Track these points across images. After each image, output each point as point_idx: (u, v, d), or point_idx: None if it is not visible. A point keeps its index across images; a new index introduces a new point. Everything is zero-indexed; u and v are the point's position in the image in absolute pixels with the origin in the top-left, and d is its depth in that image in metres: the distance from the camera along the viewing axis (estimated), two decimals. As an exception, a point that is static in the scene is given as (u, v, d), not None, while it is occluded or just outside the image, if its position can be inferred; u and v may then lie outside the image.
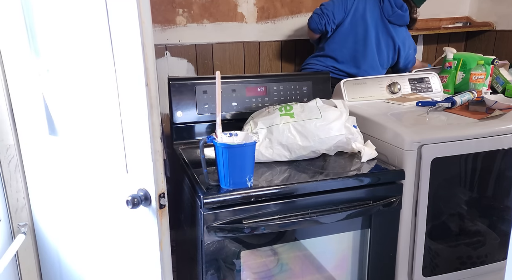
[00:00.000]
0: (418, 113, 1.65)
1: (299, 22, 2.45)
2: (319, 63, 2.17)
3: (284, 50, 2.46)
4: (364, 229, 1.42)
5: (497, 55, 2.08)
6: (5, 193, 1.41)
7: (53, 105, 1.29)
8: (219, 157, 1.18)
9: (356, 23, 2.10)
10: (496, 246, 1.63)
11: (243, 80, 1.72)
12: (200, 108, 1.64)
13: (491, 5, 2.66)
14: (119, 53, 1.00)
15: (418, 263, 1.51)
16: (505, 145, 1.51)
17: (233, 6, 2.30)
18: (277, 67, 2.48)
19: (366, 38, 2.10)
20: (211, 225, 1.19)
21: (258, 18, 2.36)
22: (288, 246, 1.44)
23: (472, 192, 1.56)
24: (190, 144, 1.64)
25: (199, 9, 2.25)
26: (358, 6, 2.11)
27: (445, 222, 1.54)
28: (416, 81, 1.93)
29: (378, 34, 2.11)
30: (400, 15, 2.09)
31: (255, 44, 2.39)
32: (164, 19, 2.20)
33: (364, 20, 2.10)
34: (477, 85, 1.90)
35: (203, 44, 2.29)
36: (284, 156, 1.43)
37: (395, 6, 2.08)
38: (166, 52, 2.24)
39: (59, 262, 1.48)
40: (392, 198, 1.38)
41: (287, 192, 1.26)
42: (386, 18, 2.10)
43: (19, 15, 1.26)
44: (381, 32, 2.11)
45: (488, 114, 1.58)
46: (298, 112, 1.45)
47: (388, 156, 1.48)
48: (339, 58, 2.13)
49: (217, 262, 1.25)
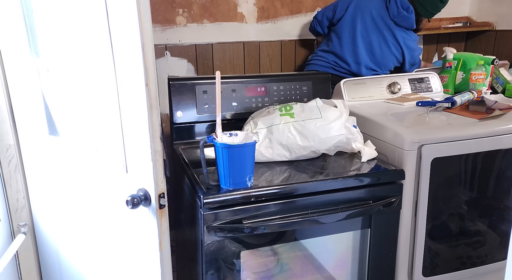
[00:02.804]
0: (418, 113, 1.65)
1: (299, 22, 2.45)
2: (322, 59, 2.17)
3: (284, 50, 2.46)
4: (364, 229, 1.42)
5: (497, 55, 2.08)
6: (5, 193, 1.41)
7: (53, 105, 1.29)
8: (219, 157, 1.18)
9: (355, 19, 2.10)
10: (496, 246, 1.63)
11: (243, 80, 1.72)
12: (200, 108, 1.64)
13: (491, 5, 2.66)
14: (119, 53, 1.00)
15: (418, 263, 1.51)
16: (505, 145, 1.51)
17: (233, 6, 2.30)
18: (277, 67, 2.48)
19: (368, 36, 2.09)
20: (211, 225, 1.19)
21: (258, 18, 2.36)
22: (288, 246, 1.44)
23: (472, 192, 1.56)
24: (190, 144, 1.64)
25: (199, 9, 2.25)
26: (360, 3, 2.11)
27: (445, 222, 1.54)
28: (416, 81, 1.93)
29: (383, 34, 2.09)
30: (405, 17, 2.07)
31: (255, 44, 2.39)
32: (164, 19, 2.20)
33: (366, 17, 2.09)
34: (477, 85, 1.90)
35: (203, 44, 2.29)
36: (284, 156, 1.43)
37: (401, 7, 2.07)
38: (166, 52, 2.24)
39: (59, 262, 1.48)
40: (392, 198, 1.38)
41: (287, 192, 1.26)
42: (392, 19, 2.09)
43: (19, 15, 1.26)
44: (386, 32, 2.10)
45: (488, 114, 1.58)
46: (298, 112, 1.45)
47: (388, 156, 1.48)
48: (339, 52, 2.13)
49: (217, 262, 1.25)
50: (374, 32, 2.10)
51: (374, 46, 2.10)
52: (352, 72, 2.12)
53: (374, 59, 2.12)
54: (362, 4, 2.11)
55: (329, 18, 2.19)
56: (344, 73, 2.12)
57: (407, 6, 2.07)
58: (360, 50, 2.10)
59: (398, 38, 2.10)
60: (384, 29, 2.10)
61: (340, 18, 2.14)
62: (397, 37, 2.10)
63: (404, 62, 2.17)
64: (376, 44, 2.10)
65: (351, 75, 2.10)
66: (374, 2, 2.11)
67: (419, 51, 2.22)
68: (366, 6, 2.10)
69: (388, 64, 2.15)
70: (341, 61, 2.13)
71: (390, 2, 2.08)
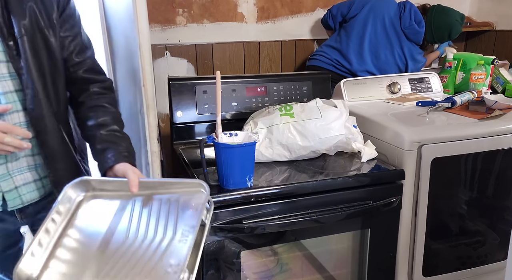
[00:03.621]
0: (418, 113, 1.65)
1: (299, 22, 2.45)
2: (326, 55, 2.15)
3: (284, 50, 2.46)
4: (364, 229, 1.42)
5: (497, 55, 2.07)
6: None
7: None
8: (219, 157, 1.18)
9: (367, 21, 2.08)
10: (496, 246, 1.63)
11: (243, 80, 1.72)
12: (200, 108, 1.64)
13: (491, 5, 2.66)
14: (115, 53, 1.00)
15: (418, 263, 1.51)
16: (505, 145, 1.51)
17: (233, 6, 2.30)
18: (277, 67, 2.48)
19: (376, 40, 2.08)
20: (211, 225, 1.19)
21: (258, 18, 2.36)
22: (288, 246, 1.44)
23: (472, 192, 1.56)
24: (190, 144, 1.64)
25: (199, 9, 2.24)
26: (376, 6, 2.09)
27: (445, 222, 1.54)
28: (416, 81, 1.93)
29: (391, 41, 2.08)
30: (415, 31, 2.05)
31: (255, 44, 2.39)
32: (164, 19, 2.20)
33: (378, 21, 2.07)
34: (477, 85, 1.90)
35: (203, 44, 2.29)
36: (284, 156, 1.43)
37: (413, 19, 2.05)
38: (166, 52, 2.24)
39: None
40: (392, 198, 1.38)
41: (287, 192, 1.26)
42: (402, 29, 2.08)
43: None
44: (394, 40, 2.08)
45: (488, 114, 1.58)
46: (298, 112, 1.45)
47: (388, 156, 1.48)
48: (344, 51, 2.11)
49: (217, 262, 1.25)
50: (383, 38, 2.08)
51: (379, 51, 2.09)
52: (352, 72, 2.11)
53: (377, 64, 2.11)
54: (377, 7, 2.09)
55: (344, 14, 2.16)
56: (344, 72, 2.12)
57: (420, 20, 2.05)
58: (365, 53, 2.09)
59: (405, 50, 2.09)
60: (392, 37, 2.09)
61: (353, 16, 2.12)
62: (403, 48, 2.09)
63: (406, 71, 2.16)
64: (382, 50, 2.09)
65: (351, 75, 2.10)
66: (389, 8, 2.09)
67: (423, 63, 2.22)
68: (381, 10, 2.08)
69: (389, 71, 2.13)
70: (344, 60, 2.12)
71: (404, 11, 2.07)
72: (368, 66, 2.10)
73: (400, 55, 2.11)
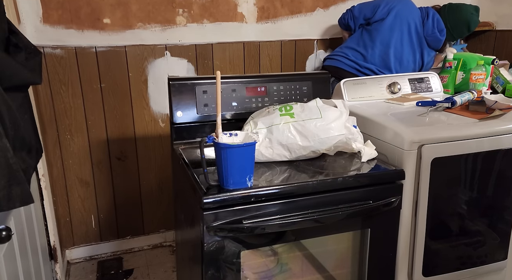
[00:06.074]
0: (418, 113, 1.65)
1: (299, 22, 2.45)
2: (348, 57, 2.13)
3: (284, 50, 2.46)
4: (364, 229, 1.42)
5: (497, 55, 2.08)
6: None
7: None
8: (219, 157, 1.18)
9: (394, 28, 2.07)
10: (496, 246, 1.63)
11: (243, 80, 1.72)
12: (200, 108, 1.64)
13: (491, 5, 2.66)
14: None
15: (418, 263, 1.51)
16: (505, 145, 1.51)
17: (233, 6, 2.30)
18: (277, 67, 2.48)
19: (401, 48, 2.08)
20: (211, 225, 1.19)
21: (258, 18, 2.36)
22: (288, 246, 1.44)
23: (472, 192, 1.56)
24: (190, 144, 1.64)
25: (199, 9, 2.25)
26: (402, 12, 2.08)
27: (445, 222, 1.54)
28: (416, 81, 1.93)
29: (414, 49, 2.08)
30: (437, 39, 2.07)
31: (255, 44, 2.39)
32: (164, 19, 2.20)
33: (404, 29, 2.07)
34: (477, 85, 1.90)
35: (203, 44, 2.30)
36: (284, 156, 1.43)
37: (436, 28, 2.06)
38: (166, 52, 2.24)
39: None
40: (392, 198, 1.38)
41: (287, 192, 1.26)
42: (425, 37, 2.08)
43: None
44: (417, 48, 2.09)
45: (488, 114, 1.58)
46: (298, 112, 1.45)
47: (388, 156, 1.48)
48: (369, 55, 2.10)
49: (217, 262, 1.25)
50: (407, 44, 2.09)
51: (403, 57, 2.09)
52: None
53: (400, 69, 2.11)
54: (403, 14, 2.08)
55: (367, 17, 2.14)
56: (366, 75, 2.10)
57: (442, 28, 2.06)
58: (390, 58, 2.09)
59: (424, 55, 2.11)
60: (415, 43, 2.09)
61: (378, 20, 2.10)
62: (423, 53, 2.11)
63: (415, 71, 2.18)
64: (405, 56, 2.09)
65: None
66: (413, 14, 2.09)
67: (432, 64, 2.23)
68: (406, 17, 2.08)
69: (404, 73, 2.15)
70: (368, 63, 2.10)
71: (428, 19, 2.07)
72: (392, 71, 2.10)
73: (419, 60, 2.12)
